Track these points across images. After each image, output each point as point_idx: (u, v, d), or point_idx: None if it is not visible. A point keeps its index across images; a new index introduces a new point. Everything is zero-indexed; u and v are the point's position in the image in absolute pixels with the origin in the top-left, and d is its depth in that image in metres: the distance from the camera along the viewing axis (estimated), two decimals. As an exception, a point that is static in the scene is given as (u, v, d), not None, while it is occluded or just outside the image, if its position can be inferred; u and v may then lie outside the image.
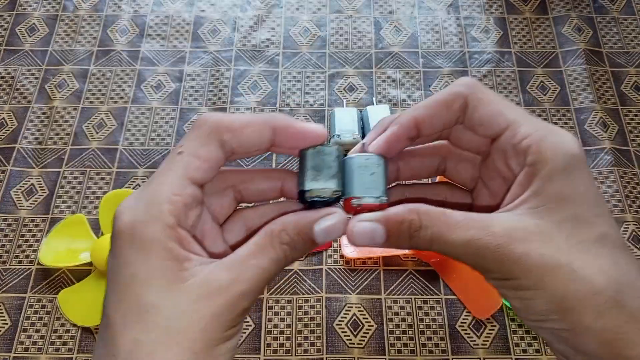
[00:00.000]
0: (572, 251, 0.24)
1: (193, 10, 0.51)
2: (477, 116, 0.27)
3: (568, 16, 0.50)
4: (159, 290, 0.23)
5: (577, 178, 0.25)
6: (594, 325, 0.24)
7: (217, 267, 0.23)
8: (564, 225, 0.25)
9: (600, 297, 0.24)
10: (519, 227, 0.25)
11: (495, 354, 0.36)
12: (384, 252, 0.38)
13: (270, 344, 0.36)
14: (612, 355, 0.24)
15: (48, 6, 0.51)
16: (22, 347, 0.36)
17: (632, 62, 0.48)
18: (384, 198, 0.26)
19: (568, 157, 0.25)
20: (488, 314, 0.36)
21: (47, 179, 0.42)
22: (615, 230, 0.25)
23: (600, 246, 0.25)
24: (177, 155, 0.24)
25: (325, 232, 0.25)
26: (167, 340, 0.22)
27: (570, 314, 0.24)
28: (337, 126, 0.42)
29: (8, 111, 0.46)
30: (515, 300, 0.25)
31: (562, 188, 0.25)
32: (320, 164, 0.27)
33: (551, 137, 0.26)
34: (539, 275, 0.24)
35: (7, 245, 0.40)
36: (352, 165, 0.27)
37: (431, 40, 0.49)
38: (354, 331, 0.36)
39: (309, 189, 0.26)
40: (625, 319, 0.24)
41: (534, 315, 0.25)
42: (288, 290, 0.38)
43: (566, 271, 0.24)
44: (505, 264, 0.24)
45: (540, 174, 0.25)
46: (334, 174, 0.27)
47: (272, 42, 0.49)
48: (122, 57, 0.49)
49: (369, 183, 0.27)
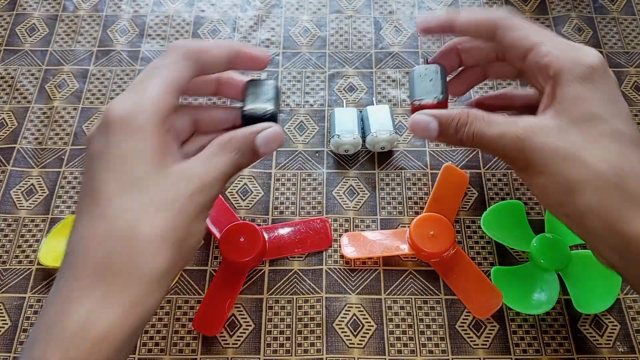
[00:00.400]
0: (583, 144, 0.28)
1: (193, 10, 0.51)
2: (506, 39, 0.32)
3: (568, 16, 0.50)
4: (147, 169, 0.27)
5: (596, 83, 0.29)
6: (596, 204, 0.27)
7: (191, 160, 0.28)
8: (580, 122, 0.29)
9: (600, 180, 0.27)
10: (540, 124, 0.29)
11: (495, 354, 0.36)
12: (383, 252, 0.38)
13: (270, 344, 0.36)
14: (612, 232, 0.27)
15: (48, 6, 0.52)
16: (22, 347, 0.36)
17: (632, 62, 0.48)
18: (441, 96, 0.34)
19: (585, 67, 0.29)
20: (488, 314, 0.36)
21: (47, 179, 0.43)
22: (631, 129, 0.29)
23: (611, 141, 0.28)
24: (161, 66, 0.29)
25: (264, 139, 0.31)
26: (153, 209, 0.26)
27: (576, 195, 0.28)
28: (337, 126, 0.42)
29: (8, 111, 0.46)
30: (536, 189, 0.30)
31: (580, 92, 0.29)
32: (259, 91, 0.34)
33: (571, 52, 0.30)
34: (552, 163, 0.28)
35: (7, 245, 0.40)
36: (414, 75, 0.35)
37: (431, 41, 0.49)
38: (354, 331, 0.36)
39: (247, 108, 0.33)
40: (624, 200, 0.27)
41: (551, 199, 0.29)
42: (288, 290, 0.38)
43: (574, 159, 0.28)
44: (526, 152, 0.29)
45: (561, 82, 0.30)
46: (269, 99, 0.33)
47: (272, 42, 0.49)
48: (122, 57, 0.49)
49: (429, 87, 0.34)
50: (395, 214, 0.41)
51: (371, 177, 0.42)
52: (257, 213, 0.41)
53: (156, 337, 0.36)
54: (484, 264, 0.39)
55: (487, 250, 0.39)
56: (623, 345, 0.36)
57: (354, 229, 0.40)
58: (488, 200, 0.41)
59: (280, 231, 0.40)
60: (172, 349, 0.36)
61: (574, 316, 0.37)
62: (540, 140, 0.29)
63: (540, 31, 0.32)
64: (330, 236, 0.40)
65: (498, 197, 0.41)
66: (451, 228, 0.38)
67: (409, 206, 0.41)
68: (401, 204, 0.41)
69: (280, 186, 0.42)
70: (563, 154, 0.28)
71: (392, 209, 0.41)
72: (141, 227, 0.26)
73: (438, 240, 0.38)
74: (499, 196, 0.41)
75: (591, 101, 0.29)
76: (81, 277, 0.25)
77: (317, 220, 0.40)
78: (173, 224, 0.26)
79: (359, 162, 0.43)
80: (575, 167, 0.28)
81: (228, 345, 0.36)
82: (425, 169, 0.43)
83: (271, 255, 0.39)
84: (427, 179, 0.42)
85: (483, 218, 0.39)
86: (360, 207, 0.41)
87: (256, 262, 0.38)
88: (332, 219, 0.40)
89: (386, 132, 0.41)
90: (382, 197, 0.42)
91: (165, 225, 0.26)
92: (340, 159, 0.43)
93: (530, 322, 0.37)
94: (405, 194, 0.42)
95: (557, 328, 0.37)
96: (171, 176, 0.27)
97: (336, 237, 0.40)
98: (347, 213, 0.41)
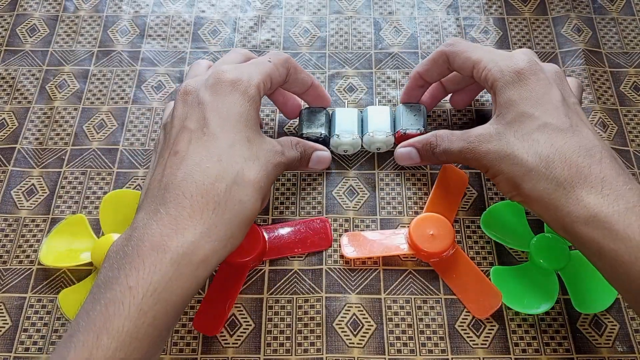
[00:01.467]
0: (516, 142, 0.32)
1: (193, 11, 0.51)
2: (455, 65, 0.38)
3: (567, 16, 0.50)
4: (255, 130, 0.33)
5: (523, 86, 0.33)
6: (533, 194, 0.31)
7: (276, 140, 0.35)
8: (513, 123, 0.33)
9: (532, 173, 0.31)
10: (483, 133, 0.34)
11: (494, 353, 0.36)
12: (383, 252, 0.38)
13: (270, 344, 0.36)
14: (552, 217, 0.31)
15: (49, 7, 0.52)
16: (22, 347, 0.36)
17: (632, 62, 0.48)
18: (422, 129, 0.41)
19: (512, 73, 0.34)
20: (488, 313, 0.37)
21: (48, 179, 0.43)
22: (558, 119, 0.32)
23: (539, 133, 0.32)
24: (265, 62, 0.35)
25: (317, 157, 0.39)
26: (253, 163, 0.32)
27: (519, 189, 0.32)
28: (337, 126, 0.42)
29: (9, 111, 0.46)
30: (497, 188, 0.35)
31: (510, 96, 0.34)
32: (313, 117, 0.42)
33: (501, 62, 0.35)
34: (496, 165, 0.33)
35: (7, 245, 0.40)
36: (401, 110, 0.42)
37: (430, 41, 0.49)
38: (353, 331, 0.36)
39: (304, 132, 0.41)
40: (555, 188, 0.30)
41: (507, 195, 0.34)
42: (288, 290, 0.38)
43: (511, 158, 0.32)
44: (480, 160, 0.34)
45: (497, 91, 0.34)
46: (322, 124, 0.42)
47: (272, 43, 0.49)
48: (122, 57, 0.49)
49: (413, 120, 0.42)
50: (395, 214, 0.41)
51: (371, 177, 0.42)
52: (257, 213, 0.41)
53: (156, 337, 0.36)
54: (483, 263, 0.39)
55: (487, 250, 0.39)
56: (622, 344, 0.36)
57: (353, 229, 0.40)
58: (487, 200, 0.41)
59: (280, 231, 0.40)
60: (172, 348, 0.36)
61: (573, 316, 0.37)
62: (485, 147, 0.33)
63: (478, 50, 0.37)
64: (330, 236, 0.40)
65: (497, 197, 0.41)
66: (451, 228, 0.38)
67: (408, 206, 0.41)
68: (401, 204, 0.41)
69: (280, 186, 0.42)
70: (502, 155, 0.33)
71: (391, 209, 0.41)
72: (247, 173, 0.31)
73: (437, 240, 0.38)
74: (498, 196, 0.41)
75: (520, 102, 0.33)
76: (189, 207, 0.29)
77: (317, 220, 0.40)
78: (264, 181, 0.32)
79: (359, 162, 0.43)
80: (513, 165, 0.32)
81: (228, 345, 0.36)
82: (425, 169, 0.43)
83: (271, 255, 0.39)
84: (426, 179, 0.42)
85: (482, 218, 0.39)
86: (360, 207, 0.41)
87: (256, 262, 0.38)
88: (332, 219, 0.41)
89: (383, 133, 0.41)
90: (381, 197, 0.42)
91: (260, 178, 0.31)
92: (340, 159, 0.43)
93: (530, 321, 0.37)
94: (404, 194, 0.42)
95: (557, 328, 0.37)
96: (267, 143, 0.34)
97: (336, 237, 0.40)
98: (347, 213, 0.41)
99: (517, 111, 0.33)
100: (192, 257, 0.28)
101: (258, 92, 0.33)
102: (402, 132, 0.41)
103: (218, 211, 0.29)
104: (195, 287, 0.28)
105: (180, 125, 0.32)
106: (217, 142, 0.31)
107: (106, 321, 0.26)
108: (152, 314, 0.26)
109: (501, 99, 0.34)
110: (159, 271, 0.27)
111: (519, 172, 0.32)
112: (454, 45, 0.37)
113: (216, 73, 0.33)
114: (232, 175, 0.30)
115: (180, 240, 0.28)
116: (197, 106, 0.32)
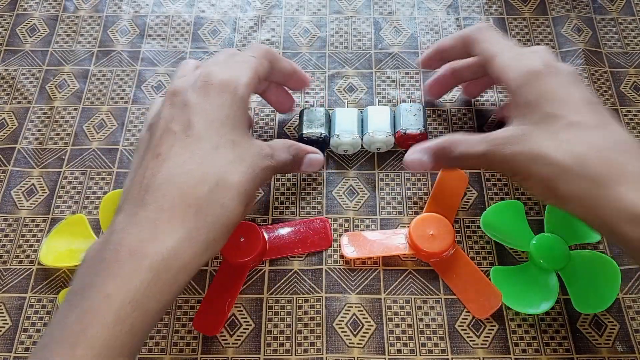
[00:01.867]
0: (546, 142, 0.31)
1: (193, 11, 0.52)
2: (474, 51, 0.38)
3: (567, 16, 0.50)
4: (241, 133, 0.32)
5: (541, 86, 0.33)
6: (570, 195, 0.30)
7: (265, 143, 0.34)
8: (539, 124, 0.32)
9: (568, 173, 0.30)
10: (509, 134, 0.33)
11: (494, 353, 0.36)
12: (383, 252, 0.38)
13: (270, 344, 0.36)
14: (592, 216, 0.30)
15: (48, 7, 0.52)
16: (22, 347, 0.36)
17: (632, 62, 0.48)
18: (422, 129, 0.41)
19: (527, 73, 0.33)
20: (488, 313, 0.36)
21: (48, 179, 0.43)
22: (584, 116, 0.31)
23: (568, 132, 0.31)
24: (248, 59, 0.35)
25: (310, 160, 0.38)
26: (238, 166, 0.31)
27: (554, 191, 0.31)
28: (337, 126, 0.42)
29: (9, 111, 0.46)
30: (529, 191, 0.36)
31: (528, 97, 0.33)
32: (313, 117, 0.42)
33: (514, 62, 0.34)
34: (526, 167, 0.31)
35: (7, 245, 0.40)
36: (401, 109, 0.43)
37: (430, 41, 0.49)
38: (353, 331, 0.36)
39: (305, 132, 0.42)
40: (590, 185, 0.29)
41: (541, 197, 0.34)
42: (288, 290, 0.38)
43: (542, 158, 0.31)
44: (507, 163, 0.32)
45: (513, 92, 0.34)
46: (322, 124, 0.42)
47: (272, 43, 0.49)
48: (122, 57, 0.49)
49: (413, 120, 0.42)
50: (395, 214, 0.41)
51: (371, 177, 0.43)
52: (257, 213, 0.41)
53: (156, 337, 0.36)
54: (483, 263, 0.39)
55: (487, 250, 0.39)
56: (622, 344, 0.36)
57: (353, 229, 0.40)
58: (487, 200, 0.41)
59: (280, 231, 0.40)
60: (172, 348, 0.36)
61: (573, 316, 0.37)
62: (511, 149, 0.32)
63: (499, 43, 0.36)
64: (330, 236, 0.40)
65: (497, 197, 0.41)
66: (451, 228, 0.38)
67: (408, 206, 0.41)
68: (401, 204, 0.41)
69: (280, 186, 0.42)
70: (532, 156, 0.31)
71: (391, 209, 0.41)
72: (230, 176, 0.30)
73: (437, 240, 0.38)
74: (498, 196, 0.41)
75: (543, 103, 0.32)
76: (169, 210, 0.28)
77: (317, 220, 0.40)
78: (249, 185, 0.31)
79: (359, 162, 0.43)
80: (545, 166, 0.30)
81: (228, 345, 0.36)
82: (425, 169, 0.43)
83: (271, 255, 0.39)
84: (426, 179, 0.42)
85: (482, 218, 0.39)
86: (360, 207, 0.41)
87: (256, 262, 0.38)
88: (332, 219, 0.41)
89: (383, 133, 0.41)
90: (381, 197, 0.42)
91: (245, 181, 0.30)
92: (340, 159, 0.43)
93: (530, 321, 0.37)
94: (404, 194, 0.42)
95: (557, 328, 0.37)
96: (254, 147, 0.33)
97: (336, 237, 0.40)
98: (347, 213, 0.41)
99: (542, 112, 0.32)
100: (171, 263, 0.27)
101: (248, 91, 0.33)
102: (402, 132, 0.41)
103: (199, 215, 0.28)
104: (176, 293, 0.28)
105: (164, 126, 0.31)
106: (201, 145, 0.30)
107: (82, 331, 0.25)
108: (130, 322, 0.26)
109: (520, 100, 0.33)
110: (137, 278, 0.26)
111: (552, 173, 0.30)
112: (480, 31, 0.37)
113: (204, 74, 0.32)
114: (214, 178, 0.29)
115: (159, 246, 0.27)
116: (183, 108, 0.31)
